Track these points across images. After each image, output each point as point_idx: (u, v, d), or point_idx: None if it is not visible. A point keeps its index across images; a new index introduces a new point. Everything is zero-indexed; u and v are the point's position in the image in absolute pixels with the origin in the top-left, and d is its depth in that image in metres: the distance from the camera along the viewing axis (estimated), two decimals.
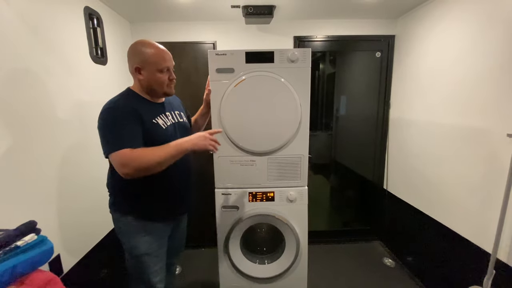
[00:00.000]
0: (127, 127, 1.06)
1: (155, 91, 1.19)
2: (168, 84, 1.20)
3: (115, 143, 1.03)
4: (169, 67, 1.19)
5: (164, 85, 1.19)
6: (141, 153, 1.03)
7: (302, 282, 1.59)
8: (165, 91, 1.21)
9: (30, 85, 1.17)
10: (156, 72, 1.15)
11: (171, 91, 1.23)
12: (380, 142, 2.43)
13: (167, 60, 1.18)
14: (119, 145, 1.02)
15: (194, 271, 2.18)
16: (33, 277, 0.82)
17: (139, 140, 1.08)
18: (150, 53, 1.14)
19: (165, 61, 1.17)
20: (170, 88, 1.22)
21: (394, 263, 2.23)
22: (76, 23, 1.51)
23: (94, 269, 1.61)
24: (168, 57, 1.18)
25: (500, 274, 1.29)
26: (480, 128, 1.45)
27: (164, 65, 1.16)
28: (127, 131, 1.06)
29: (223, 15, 2.04)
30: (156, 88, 1.18)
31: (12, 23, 1.09)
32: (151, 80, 1.16)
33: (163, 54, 1.16)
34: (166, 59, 1.17)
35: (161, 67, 1.15)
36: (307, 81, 1.38)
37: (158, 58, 1.15)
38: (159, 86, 1.18)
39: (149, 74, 1.15)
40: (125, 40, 2.07)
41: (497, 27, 1.36)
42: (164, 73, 1.18)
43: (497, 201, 1.29)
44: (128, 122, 1.07)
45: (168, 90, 1.21)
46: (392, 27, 2.25)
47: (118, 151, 1.01)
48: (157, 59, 1.15)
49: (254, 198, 1.49)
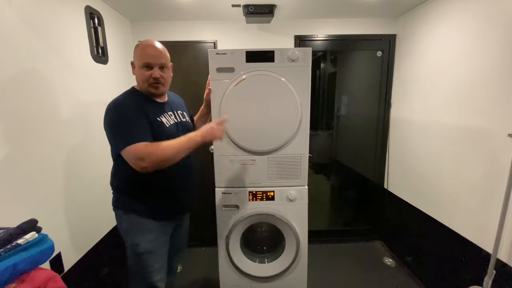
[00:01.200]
0: (137, 122, 1.07)
1: (144, 89, 1.17)
2: (151, 83, 1.15)
3: (128, 138, 1.03)
4: (150, 64, 1.13)
5: (146, 83, 1.15)
6: (157, 146, 1.03)
7: (302, 281, 1.59)
8: (147, 90, 1.16)
9: (32, 84, 1.18)
10: (139, 67, 1.15)
11: (155, 91, 1.17)
12: (381, 141, 2.42)
13: (149, 56, 1.13)
14: (133, 140, 1.02)
15: (194, 270, 2.19)
16: (33, 275, 0.83)
17: (150, 135, 1.08)
18: (138, 48, 1.15)
19: (146, 57, 1.13)
20: (153, 87, 1.15)
21: (394, 262, 2.23)
22: (77, 22, 1.52)
23: (95, 268, 1.62)
24: (151, 53, 1.13)
25: (501, 274, 1.29)
26: (480, 128, 1.45)
27: (144, 60, 1.12)
28: (138, 126, 1.06)
29: (224, 14, 2.04)
30: (141, 85, 1.17)
31: (13, 23, 1.10)
32: (137, 76, 1.17)
33: (146, 50, 1.13)
34: (147, 55, 1.13)
35: (141, 62, 1.13)
36: (308, 81, 1.38)
37: (140, 52, 1.14)
38: (142, 83, 1.16)
39: (136, 70, 1.17)
40: (126, 39, 2.07)
41: (498, 27, 1.35)
42: (145, 70, 1.13)
43: (497, 201, 1.29)
44: (137, 117, 1.08)
45: (151, 89, 1.16)
46: (393, 27, 2.24)
47: (132, 145, 1.02)
48: (139, 53, 1.14)
49: (254, 197, 1.49)
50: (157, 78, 1.15)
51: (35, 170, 1.19)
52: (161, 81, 1.17)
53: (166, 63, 1.19)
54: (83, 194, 1.52)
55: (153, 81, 1.15)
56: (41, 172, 1.22)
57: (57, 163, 1.33)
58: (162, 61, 1.16)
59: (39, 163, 1.21)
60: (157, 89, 1.17)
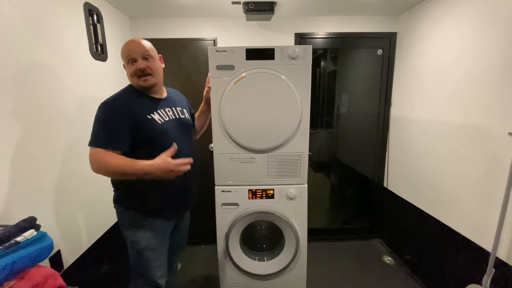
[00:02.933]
0: (111, 127, 1.08)
1: (136, 84, 1.18)
2: (139, 76, 1.14)
3: (94, 139, 1.08)
4: (133, 57, 1.13)
5: (134, 77, 1.15)
6: (107, 158, 1.05)
7: (301, 279, 1.59)
8: (138, 84, 1.17)
9: (31, 81, 1.17)
10: (126, 64, 1.17)
11: (144, 83, 1.16)
12: (381, 140, 2.42)
13: (131, 50, 1.13)
14: (96, 143, 1.07)
15: (194, 267, 2.20)
16: (33, 272, 0.83)
17: (119, 143, 1.09)
18: (122, 47, 1.17)
19: (128, 51, 1.14)
20: (141, 80, 1.15)
21: (393, 261, 2.23)
22: (76, 19, 1.51)
23: (95, 265, 1.62)
24: (132, 47, 1.14)
25: (500, 272, 1.29)
26: (481, 127, 1.45)
27: (128, 56, 1.14)
28: (109, 132, 1.08)
29: (224, 11, 2.03)
30: (132, 81, 1.19)
31: (13, 20, 1.09)
32: (127, 74, 1.19)
33: (129, 46, 1.15)
34: (130, 49, 1.14)
35: (126, 58, 1.15)
36: (308, 79, 1.38)
37: (124, 50, 1.16)
38: (131, 78, 1.18)
39: (126, 69, 1.18)
40: (125, 37, 2.06)
41: (499, 25, 1.34)
42: (131, 64, 1.15)
43: (497, 200, 1.29)
44: (115, 122, 1.09)
45: (140, 82, 1.16)
46: (394, 24, 2.23)
47: (93, 148, 1.07)
48: (123, 51, 1.16)
49: (254, 196, 1.49)
50: (142, 68, 1.14)
51: (34, 167, 1.18)
52: (147, 71, 1.16)
53: (150, 53, 1.17)
54: (83, 191, 1.52)
55: (140, 73, 1.15)
56: (40, 169, 1.22)
57: (56, 159, 1.32)
58: (144, 51, 1.15)
59: (38, 160, 1.21)
60: (146, 81, 1.17)
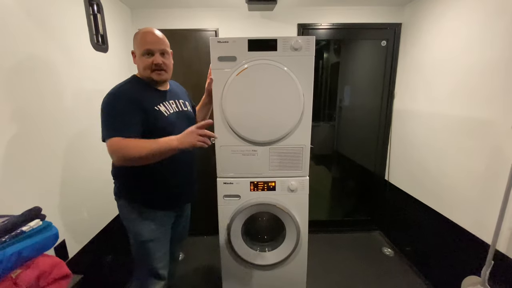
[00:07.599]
0: (123, 115, 1.06)
1: (147, 77, 1.17)
2: (154, 70, 1.15)
3: (109, 131, 1.05)
4: (151, 50, 1.13)
5: (148, 70, 1.15)
6: (128, 143, 1.01)
7: (302, 270, 1.61)
8: (150, 77, 1.16)
9: (32, 73, 1.16)
10: (140, 55, 1.15)
11: (157, 78, 1.16)
12: (383, 132, 2.41)
13: (149, 42, 1.13)
14: (113, 133, 1.03)
15: (196, 258, 2.23)
16: (39, 261, 0.84)
17: (135, 129, 1.07)
18: (137, 36, 1.15)
19: (146, 44, 1.13)
20: (155, 74, 1.15)
21: (393, 252, 2.26)
22: (76, 9, 1.49)
23: (99, 255, 1.65)
24: (151, 40, 1.13)
25: (499, 265, 1.31)
26: (484, 120, 1.43)
27: (145, 47, 1.12)
28: (122, 119, 1.06)
29: (226, 1, 1.99)
30: (143, 73, 1.17)
31: (13, 11, 1.08)
32: (138, 64, 1.17)
33: (146, 36, 1.13)
34: (147, 41, 1.13)
35: (142, 49, 1.13)
36: (311, 70, 1.36)
37: (140, 40, 1.14)
38: (144, 71, 1.16)
39: (137, 58, 1.17)
40: (126, 27, 2.03)
41: (505, 17, 1.31)
42: (146, 57, 1.14)
43: (498, 193, 1.29)
44: (126, 110, 1.07)
45: (153, 76, 1.16)
46: (399, 15, 2.18)
47: (110, 139, 1.03)
48: (139, 41, 1.14)
49: (256, 188, 1.50)
50: (159, 64, 1.14)
51: (38, 159, 1.19)
52: (163, 67, 1.17)
53: (167, 49, 1.18)
54: (87, 182, 1.53)
55: (155, 68, 1.15)
56: (44, 160, 1.23)
57: (59, 151, 1.33)
58: (162, 47, 1.16)
59: (42, 152, 1.21)
60: (160, 75, 1.17)
